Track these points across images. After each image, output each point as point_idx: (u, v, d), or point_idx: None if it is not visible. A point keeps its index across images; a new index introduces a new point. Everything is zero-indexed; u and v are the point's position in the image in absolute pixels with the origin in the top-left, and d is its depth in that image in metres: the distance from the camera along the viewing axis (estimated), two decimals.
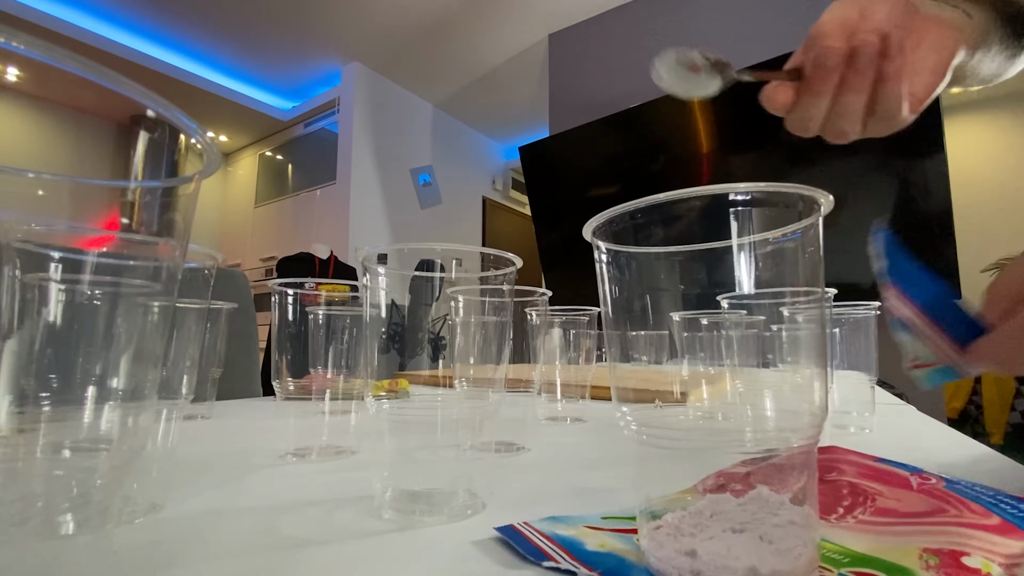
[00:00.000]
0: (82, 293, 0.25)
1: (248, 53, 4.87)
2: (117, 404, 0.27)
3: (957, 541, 0.29)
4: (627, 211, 0.31)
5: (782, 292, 0.30)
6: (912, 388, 2.46)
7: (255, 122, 5.96)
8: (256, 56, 4.92)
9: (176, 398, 0.48)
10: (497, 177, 6.57)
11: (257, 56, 4.92)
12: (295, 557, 0.33)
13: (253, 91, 5.56)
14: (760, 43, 3.09)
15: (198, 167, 0.28)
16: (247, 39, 4.64)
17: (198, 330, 0.52)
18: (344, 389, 0.62)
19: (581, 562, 0.30)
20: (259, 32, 4.51)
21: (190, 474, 0.53)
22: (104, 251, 0.26)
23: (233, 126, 6.09)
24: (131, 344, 0.27)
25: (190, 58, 4.96)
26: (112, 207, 0.25)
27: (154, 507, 0.42)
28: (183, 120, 0.26)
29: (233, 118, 5.85)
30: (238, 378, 1.44)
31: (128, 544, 0.35)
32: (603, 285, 0.35)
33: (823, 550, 0.31)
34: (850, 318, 0.78)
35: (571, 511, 0.40)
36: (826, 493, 0.39)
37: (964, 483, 0.38)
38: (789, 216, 0.29)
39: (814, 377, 0.30)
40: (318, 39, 4.60)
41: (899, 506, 0.35)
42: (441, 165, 5.58)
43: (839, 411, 0.76)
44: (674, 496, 0.32)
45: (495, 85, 5.18)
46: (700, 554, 0.27)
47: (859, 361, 0.84)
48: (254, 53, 4.87)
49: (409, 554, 0.34)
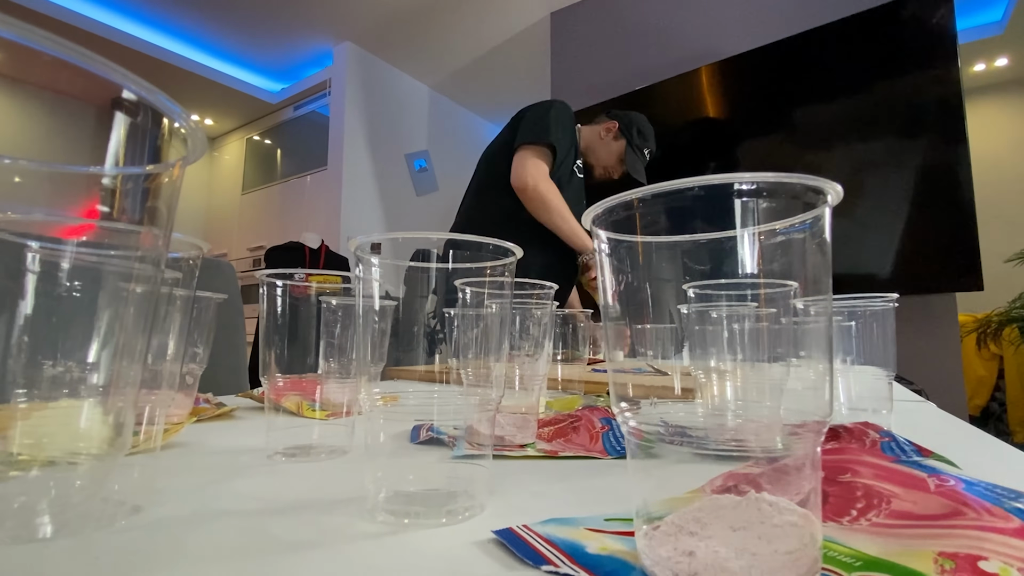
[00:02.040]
0: (61, 285, 0.25)
1: (234, 32, 4.85)
2: (97, 401, 0.27)
3: (974, 545, 0.29)
4: (628, 200, 0.31)
5: (787, 285, 0.30)
6: (932, 384, 2.46)
7: (242, 105, 5.94)
8: (243, 35, 4.89)
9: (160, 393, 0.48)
10: None
11: (244, 35, 4.89)
12: (284, 561, 0.33)
13: (240, 72, 5.54)
14: (769, 17, 3.08)
15: (182, 153, 0.28)
16: (233, 17, 4.62)
17: (183, 323, 0.52)
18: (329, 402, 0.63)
19: (582, 566, 0.30)
20: (246, 10, 4.49)
21: (174, 475, 0.53)
22: (83, 240, 0.25)
23: (219, 109, 6.08)
24: (112, 338, 0.27)
25: (173, 37, 4.94)
26: (92, 195, 0.25)
27: (136, 509, 0.42)
28: (166, 103, 0.26)
29: (219, 101, 5.83)
30: (224, 373, 1.44)
31: (109, 548, 0.35)
32: (603, 276, 0.35)
33: (834, 553, 0.31)
34: (866, 311, 0.78)
35: (572, 513, 0.40)
36: (839, 495, 0.39)
37: (984, 484, 0.38)
38: (796, 207, 0.29)
39: (821, 376, 0.30)
40: (308, 17, 4.57)
41: (915, 508, 0.35)
42: (438, 150, 5.57)
43: (855, 408, 0.76)
44: (682, 496, 0.32)
45: (495, 66, 5.16)
46: (699, 555, 0.27)
47: (876, 356, 0.84)
48: (240, 32, 4.84)
49: (403, 559, 0.34)
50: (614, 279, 0.34)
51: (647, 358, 0.37)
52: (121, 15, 4.60)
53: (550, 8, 4.21)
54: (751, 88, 2.99)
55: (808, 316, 0.31)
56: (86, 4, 4.45)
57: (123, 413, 0.28)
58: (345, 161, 4.86)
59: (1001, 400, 3.86)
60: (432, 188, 5.28)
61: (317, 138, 5.25)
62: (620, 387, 0.34)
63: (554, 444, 0.66)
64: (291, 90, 5.72)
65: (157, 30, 4.82)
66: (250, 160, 6.36)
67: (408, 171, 5.25)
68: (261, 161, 6.24)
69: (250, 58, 5.30)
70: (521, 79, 5.32)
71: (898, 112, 2.56)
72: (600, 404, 0.91)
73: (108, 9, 4.53)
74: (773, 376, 0.35)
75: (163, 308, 0.49)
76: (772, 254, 0.29)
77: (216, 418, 0.86)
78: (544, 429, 0.71)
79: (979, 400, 3.91)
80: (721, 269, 0.31)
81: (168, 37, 4.92)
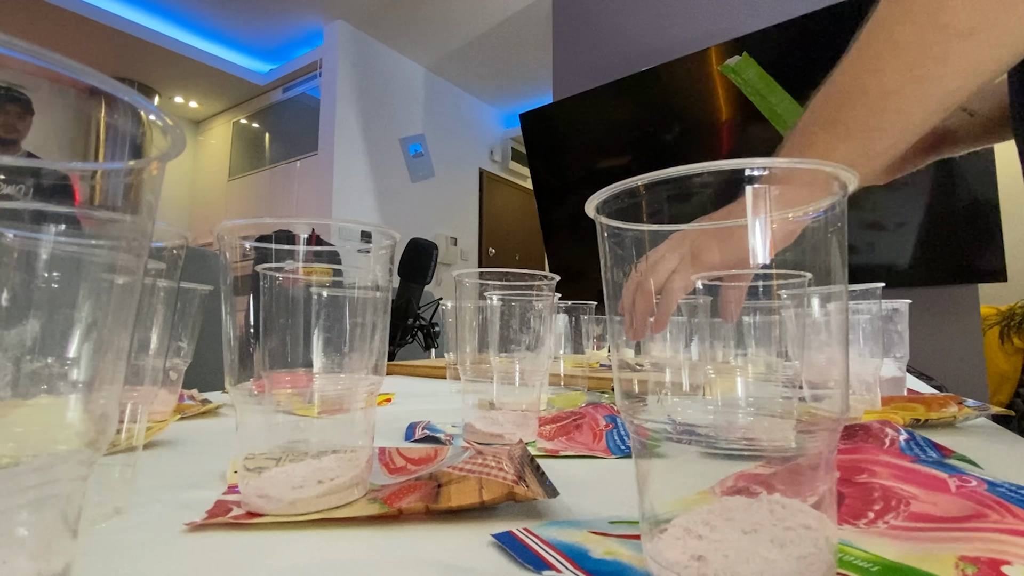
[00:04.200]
0: (39, 275, 0.25)
1: (220, 10, 4.83)
2: (78, 397, 0.27)
3: (998, 549, 0.29)
4: (633, 186, 0.31)
5: (801, 275, 0.30)
6: (953, 380, 2.46)
7: (229, 86, 5.92)
8: (229, 14, 4.87)
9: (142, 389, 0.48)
10: (495, 147, 6.54)
11: (230, 14, 4.87)
12: (274, 563, 0.33)
13: (226, 52, 5.52)
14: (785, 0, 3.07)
15: (163, 145, 0.28)
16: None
17: (166, 315, 0.52)
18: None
19: (586, 571, 0.30)
20: None
21: (157, 475, 0.53)
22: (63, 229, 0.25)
23: (204, 91, 6.06)
24: (92, 331, 0.27)
25: (156, 15, 4.92)
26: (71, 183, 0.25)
27: (117, 511, 0.42)
28: (140, 102, 0.26)
29: (204, 82, 5.82)
30: (209, 368, 1.44)
31: (88, 551, 0.35)
32: (606, 266, 0.35)
33: (850, 556, 0.31)
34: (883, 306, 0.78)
35: (575, 515, 0.40)
36: (856, 496, 0.39)
37: (1008, 485, 0.38)
38: (811, 194, 0.29)
39: (836, 373, 0.30)
40: None
41: (935, 511, 0.35)
42: (434, 134, 5.56)
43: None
44: (691, 498, 0.32)
45: (494, 46, 5.14)
46: (708, 559, 0.27)
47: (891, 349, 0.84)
48: (227, 10, 4.82)
49: (398, 562, 0.34)
50: (619, 269, 0.34)
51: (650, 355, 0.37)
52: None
53: None
54: (764, 69, 2.98)
55: (822, 308, 0.31)
56: None
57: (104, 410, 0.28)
58: (337, 146, 4.85)
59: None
60: (428, 174, 5.27)
61: (307, 121, 5.25)
62: (625, 382, 0.34)
63: (556, 443, 0.66)
64: (280, 71, 5.70)
65: (139, 8, 4.80)
66: (237, 145, 6.35)
67: (403, 156, 5.24)
68: (248, 146, 6.24)
69: (237, 38, 5.28)
70: (522, 59, 5.30)
71: None
72: (605, 401, 0.91)
73: None
74: (786, 371, 0.35)
75: (146, 300, 0.49)
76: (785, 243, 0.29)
77: (201, 415, 0.86)
78: (545, 427, 0.71)
79: (1002, 397, 3.90)
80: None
81: (151, 16, 4.91)
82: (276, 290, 0.46)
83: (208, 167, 6.63)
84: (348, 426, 0.46)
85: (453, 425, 0.75)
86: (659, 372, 0.35)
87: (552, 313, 0.74)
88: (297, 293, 0.47)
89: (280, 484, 0.42)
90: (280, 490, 0.41)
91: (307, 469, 0.44)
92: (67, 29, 4.70)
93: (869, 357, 0.76)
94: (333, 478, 0.43)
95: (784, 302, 0.32)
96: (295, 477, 0.43)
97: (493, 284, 0.70)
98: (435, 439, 0.68)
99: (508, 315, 0.70)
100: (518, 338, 0.70)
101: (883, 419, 0.57)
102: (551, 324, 0.73)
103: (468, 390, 0.71)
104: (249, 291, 0.45)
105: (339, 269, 0.48)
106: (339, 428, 0.46)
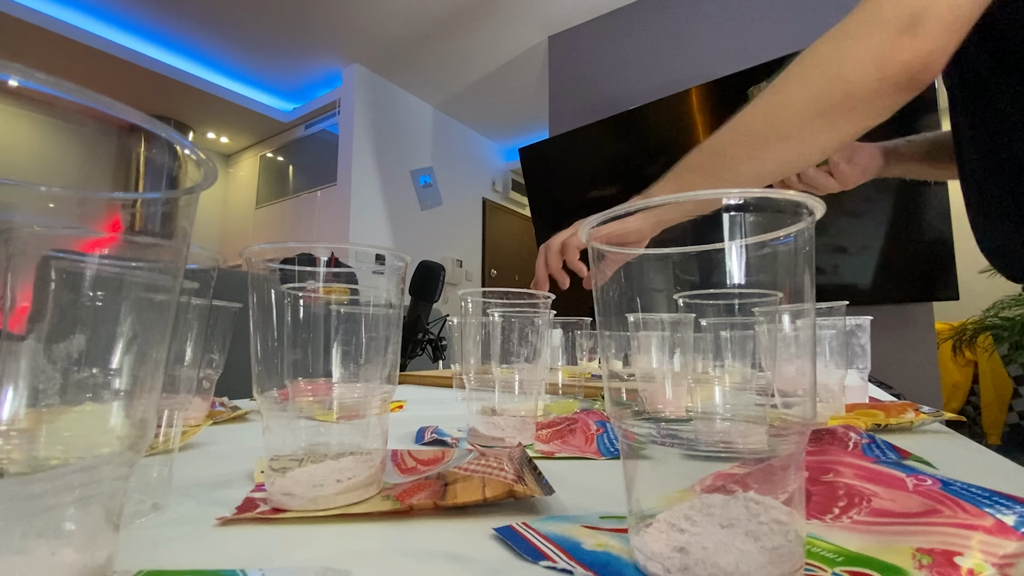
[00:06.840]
0: (85, 294, 0.25)
1: (249, 55, 4.87)
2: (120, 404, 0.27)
3: (950, 541, 0.29)
4: (621, 214, 0.32)
5: (773, 295, 0.30)
6: (911, 389, 2.46)
7: (256, 123, 5.96)
8: (257, 58, 4.92)
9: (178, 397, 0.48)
10: (497, 178, 6.56)
11: (258, 58, 4.92)
12: (298, 554, 0.33)
13: (254, 92, 5.56)
14: (759, 45, 3.09)
15: (197, 177, 0.29)
16: (248, 41, 4.64)
17: (200, 330, 0.52)
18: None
19: (578, 562, 0.30)
20: (260, 34, 4.51)
21: (191, 475, 0.53)
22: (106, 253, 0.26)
23: (234, 127, 6.10)
24: (134, 344, 0.27)
25: (191, 59, 4.96)
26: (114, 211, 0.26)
27: (156, 507, 0.42)
28: (176, 138, 0.26)
29: (234, 119, 5.86)
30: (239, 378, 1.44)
31: (131, 543, 0.35)
32: (597, 285, 0.35)
33: (818, 548, 0.31)
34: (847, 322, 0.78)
35: (569, 511, 0.40)
36: (822, 494, 0.39)
37: (960, 484, 0.38)
38: (782, 221, 0.30)
39: (804, 382, 0.30)
40: (319, 41, 4.59)
41: (894, 507, 0.35)
42: (441, 167, 5.58)
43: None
44: (674, 495, 0.32)
45: (495, 87, 5.18)
46: (689, 550, 0.27)
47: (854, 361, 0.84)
48: (255, 55, 4.87)
49: (409, 552, 0.34)
50: (607, 288, 0.35)
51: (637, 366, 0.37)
52: (141, 38, 4.62)
53: (548, 32, 4.23)
54: (739, 106, 2.99)
55: (792, 324, 0.31)
56: (108, 27, 4.47)
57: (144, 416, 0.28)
58: (353, 177, 4.86)
59: (976, 404, 3.85)
60: (436, 203, 5.28)
61: (327, 155, 5.26)
62: (614, 391, 0.34)
63: (551, 445, 0.66)
64: (302, 109, 5.74)
65: (175, 52, 4.83)
66: (263, 176, 6.37)
67: (413, 186, 5.25)
68: (274, 177, 6.26)
69: (264, 79, 5.32)
70: (520, 99, 5.33)
71: (878, 127, 2.56)
72: (597, 408, 0.91)
73: (129, 33, 4.55)
74: (759, 381, 0.36)
75: (181, 316, 0.49)
76: (759, 265, 0.30)
77: (231, 420, 0.86)
78: (542, 431, 0.71)
79: (955, 404, 3.89)
80: (710, 279, 0.31)
81: (186, 59, 4.94)
82: (299, 307, 0.46)
83: (237, 196, 6.65)
84: (364, 430, 0.46)
85: (459, 429, 0.75)
86: (645, 382, 0.35)
87: (548, 328, 0.74)
88: (318, 310, 0.47)
89: (303, 483, 0.42)
90: (303, 488, 0.41)
91: (327, 469, 0.44)
92: (109, 71, 4.73)
93: (835, 368, 0.76)
94: (351, 477, 0.43)
95: (758, 319, 0.32)
96: (316, 476, 0.42)
97: (495, 302, 0.70)
98: (442, 442, 0.68)
99: (508, 330, 0.70)
100: (518, 351, 0.70)
101: (847, 424, 0.57)
102: (548, 338, 0.74)
103: (472, 398, 0.71)
104: (274, 309, 0.45)
105: (356, 288, 0.48)
106: (356, 432, 0.46)
